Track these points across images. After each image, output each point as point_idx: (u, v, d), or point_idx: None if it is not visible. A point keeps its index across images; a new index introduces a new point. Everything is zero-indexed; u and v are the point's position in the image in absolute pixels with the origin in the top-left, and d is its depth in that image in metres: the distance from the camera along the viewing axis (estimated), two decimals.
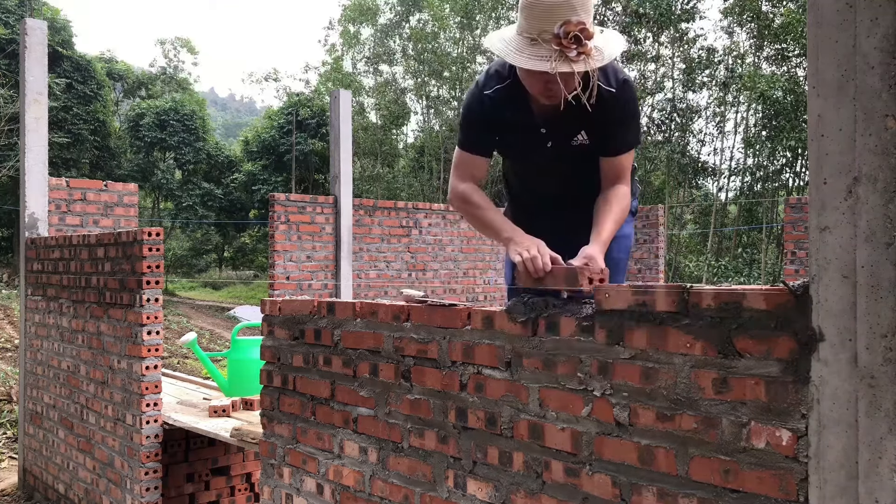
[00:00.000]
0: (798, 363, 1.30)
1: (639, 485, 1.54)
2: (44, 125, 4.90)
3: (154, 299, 3.59)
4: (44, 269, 4.66)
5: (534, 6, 1.91)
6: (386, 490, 2.14)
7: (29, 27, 4.83)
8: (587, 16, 1.89)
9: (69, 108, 23.09)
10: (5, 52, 19.73)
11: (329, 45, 30.00)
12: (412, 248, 7.82)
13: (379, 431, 2.17)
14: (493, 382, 1.85)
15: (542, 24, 1.89)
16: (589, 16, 1.90)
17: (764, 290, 1.36)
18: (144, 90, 32.15)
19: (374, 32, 27.63)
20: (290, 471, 2.53)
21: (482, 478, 1.87)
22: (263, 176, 26.81)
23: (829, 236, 1.22)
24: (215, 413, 3.66)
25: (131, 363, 3.64)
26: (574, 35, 1.85)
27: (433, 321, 1.99)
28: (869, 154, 1.18)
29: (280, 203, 6.81)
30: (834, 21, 1.22)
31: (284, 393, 2.56)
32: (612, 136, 2.17)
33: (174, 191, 28.24)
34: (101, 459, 3.91)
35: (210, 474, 4.14)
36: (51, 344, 4.56)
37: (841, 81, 1.21)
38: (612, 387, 1.59)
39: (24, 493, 4.84)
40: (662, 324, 1.50)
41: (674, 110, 20.80)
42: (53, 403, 4.50)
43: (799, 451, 1.30)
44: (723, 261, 19.34)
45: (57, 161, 21.46)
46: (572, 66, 1.87)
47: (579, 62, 1.88)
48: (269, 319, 2.65)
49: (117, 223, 5.22)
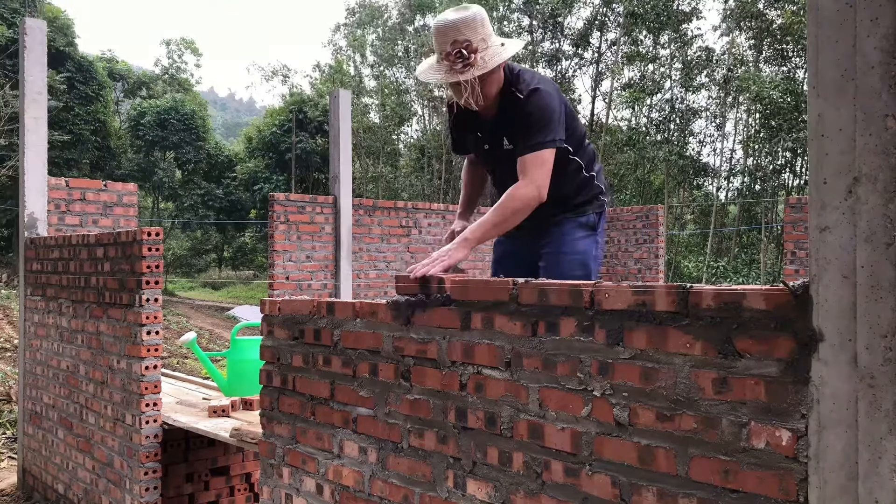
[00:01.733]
0: (798, 363, 1.30)
1: (639, 485, 1.54)
2: (43, 125, 4.90)
3: (153, 299, 3.59)
4: (43, 269, 4.65)
5: (433, 32, 2.39)
6: (385, 490, 2.14)
7: (28, 27, 4.83)
8: (473, 34, 2.30)
9: (70, 108, 23.11)
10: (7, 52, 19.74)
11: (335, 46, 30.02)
12: (412, 248, 7.82)
13: (378, 431, 2.16)
14: (492, 382, 1.84)
15: (440, 45, 2.36)
16: (475, 33, 2.30)
17: (764, 290, 1.35)
18: (145, 90, 32.16)
19: (379, 34, 27.64)
20: (289, 471, 2.52)
21: (482, 478, 1.87)
22: (265, 174, 26.82)
23: (829, 236, 1.22)
24: (215, 413, 3.65)
25: (131, 363, 3.64)
26: (458, 51, 2.29)
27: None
28: (869, 154, 1.18)
29: (280, 203, 6.81)
30: (834, 21, 1.22)
31: (284, 393, 2.56)
32: (518, 138, 2.46)
33: (174, 190, 28.26)
34: (101, 459, 3.91)
35: (209, 474, 4.14)
36: (50, 344, 4.55)
37: (841, 81, 1.21)
38: (611, 387, 1.59)
39: (23, 493, 4.84)
40: (662, 324, 1.50)
41: (673, 111, 20.80)
42: (53, 403, 4.50)
43: (799, 452, 1.30)
44: (722, 261, 19.35)
45: (58, 160, 21.47)
46: (456, 77, 2.32)
47: (465, 72, 2.31)
48: (269, 319, 2.65)
49: (117, 223, 5.22)
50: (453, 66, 2.32)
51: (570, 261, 2.64)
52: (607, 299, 1.60)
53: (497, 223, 2.36)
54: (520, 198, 2.36)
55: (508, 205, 2.35)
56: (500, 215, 2.35)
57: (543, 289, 1.73)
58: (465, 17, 2.32)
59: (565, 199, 2.66)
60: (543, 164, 2.40)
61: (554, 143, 2.44)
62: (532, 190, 2.37)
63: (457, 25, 2.31)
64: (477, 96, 2.37)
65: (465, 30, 2.31)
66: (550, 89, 2.48)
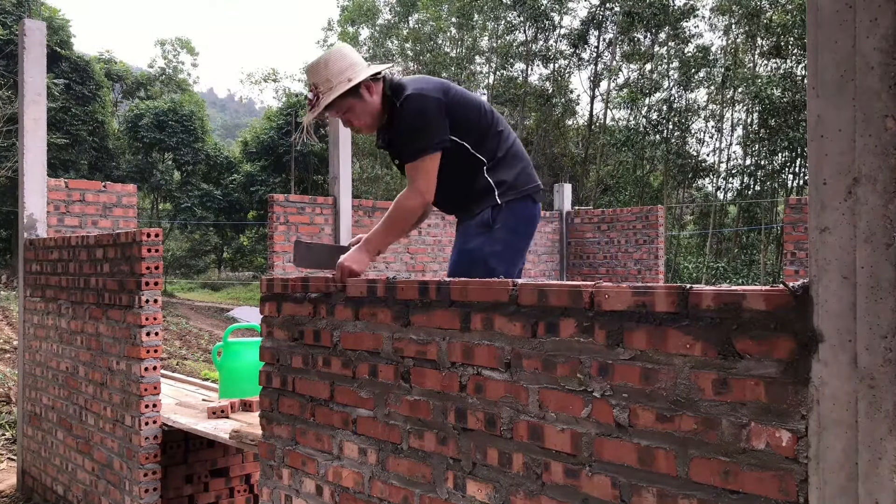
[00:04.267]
0: (798, 364, 1.30)
1: (639, 486, 1.54)
2: (42, 126, 4.89)
3: (153, 300, 3.59)
4: (42, 271, 4.65)
5: None
6: (385, 491, 2.13)
7: (27, 28, 4.82)
8: (316, 77, 2.50)
9: (67, 109, 23.08)
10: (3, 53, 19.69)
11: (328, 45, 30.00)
12: (411, 248, 7.82)
13: (378, 432, 2.16)
14: (492, 383, 1.84)
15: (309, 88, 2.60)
16: (318, 76, 2.49)
17: (764, 290, 1.35)
18: (143, 91, 32.14)
19: (372, 34, 27.64)
20: (289, 472, 2.52)
21: (482, 479, 1.87)
22: (262, 177, 26.81)
23: (829, 237, 1.22)
24: (214, 414, 3.65)
25: (130, 364, 3.63)
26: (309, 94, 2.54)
27: None
28: (868, 154, 1.18)
29: (279, 204, 6.81)
30: (834, 21, 1.22)
31: (283, 394, 2.56)
32: (401, 148, 2.57)
33: (173, 192, 28.24)
34: (100, 461, 3.90)
35: (209, 476, 4.13)
36: (49, 345, 4.55)
37: (841, 82, 1.21)
38: (611, 388, 1.59)
39: (22, 495, 4.84)
40: (662, 324, 1.50)
41: (670, 110, 20.82)
42: (52, 405, 4.50)
43: (799, 452, 1.30)
44: (722, 262, 19.35)
45: (55, 162, 21.45)
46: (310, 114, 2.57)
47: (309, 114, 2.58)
48: (269, 321, 2.65)
49: (116, 224, 5.22)
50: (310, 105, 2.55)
51: (460, 260, 2.67)
52: (607, 300, 1.60)
53: (387, 231, 2.56)
54: (402, 206, 2.53)
55: (394, 214, 2.53)
56: (389, 224, 2.55)
57: (543, 290, 1.73)
58: (311, 64, 2.53)
59: (459, 202, 2.71)
60: (424, 171, 2.48)
61: (433, 146, 2.48)
62: (415, 198, 2.50)
63: (309, 69, 2.53)
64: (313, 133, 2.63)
65: (311, 75, 2.53)
66: (426, 90, 2.50)
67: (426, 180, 2.49)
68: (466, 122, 2.57)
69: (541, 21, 23.02)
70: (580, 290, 1.65)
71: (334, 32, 29.80)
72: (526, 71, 24.76)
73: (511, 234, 2.65)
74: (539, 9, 22.47)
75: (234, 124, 78.14)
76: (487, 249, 2.61)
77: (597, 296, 1.62)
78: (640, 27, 21.26)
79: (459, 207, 2.74)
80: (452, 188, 2.63)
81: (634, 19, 20.79)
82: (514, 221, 2.65)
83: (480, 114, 2.63)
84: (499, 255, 2.62)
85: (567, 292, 1.68)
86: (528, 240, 2.76)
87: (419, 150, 2.48)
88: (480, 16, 24.45)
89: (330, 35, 30.45)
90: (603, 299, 1.61)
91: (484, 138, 2.63)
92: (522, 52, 24.21)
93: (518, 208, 2.66)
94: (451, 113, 2.53)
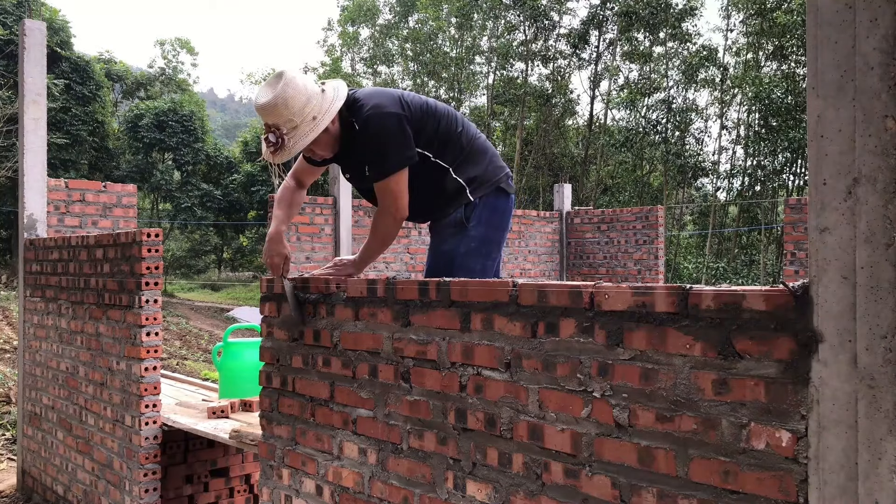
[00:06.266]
0: (798, 364, 1.30)
1: (638, 486, 1.54)
2: (43, 126, 4.90)
3: (153, 300, 3.59)
4: (42, 271, 4.65)
5: None
6: (385, 491, 2.13)
7: (28, 28, 4.82)
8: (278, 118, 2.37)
9: (68, 109, 23.06)
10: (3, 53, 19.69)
11: (328, 45, 30.02)
12: (411, 248, 7.82)
13: (378, 433, 2.16)
14: (492, 383, 1.84)
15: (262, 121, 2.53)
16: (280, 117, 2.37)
17: (764, 290, 1.35)
18: (143, 91, 32.12)
19: (372, 34, 27.65)
20: (289, 472, 2.52)
21: (482, 479, 1.87)
22: (262, 177, 26.79)
23: (829, 237, 1.22)
24: (214, 414, 3.65)
25: (130, 364, 3.63)
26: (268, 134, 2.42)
27: None
28: (868, 155, 1.18)
29: None
30: (834, 21, 1.22)
31: (283, 394, 2.56)
32: (368, 167, 2.52)
33: (173, 192, 28.22)
34: (100, 461, 3.90)
35: (209, 476, 4.13)
36: (49, 345, 4.55)
37: (841, 82, 1.21)
38: (611, 388, 1.59)
39: (22, 495, 4.84)
40: (662, 325, 1.50)
41: (670, 111, 20.82)
42: (52, 405, 4.50)
43: (799, 453, 1.30)
44: (721, 262, 19.35)
45: (55, 162, 21.44)
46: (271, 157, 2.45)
47: (276, 155, 2.43)
48: (269, 321, 2.65)
49: (116, 224, 5.22)
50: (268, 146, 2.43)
51: (436, 262, 2.69)
52: (607, 300, 1.60)
53: (373, 249, 2.62)
54: (379, 226, 2.57)
55: (374, 235, 2.59)
56: (372, 244, 2.61)
57: (543, 290, 1.73)
58: (267, 104, 2.37)
59: (431, 209, 2.70)
60: (393, 190, 2.47)
61: (398, 165, 2.45)
62: (387, 217, 2.53)
63: (265, 110, 2.38)
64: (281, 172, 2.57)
65: (270, 116, 2.39)
66: (385, 107, 2.44)
67: (395, 199, 2.48)
68: (426, 132, 2.55)
69: (541, 21, 23.03)
70: (580, 290, 1.65)
71: (334, 32, 29.83)
72: (526, 71, 24.78)
73: (486, 228, 2.65)
74: (539, 9, 22.49)
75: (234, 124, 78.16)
76: (463, 249, 2.62)
77: (597, 296, 1.62)
78: (639, 27, 21.26)
79: (433, 213, 2.72)
80: (423, 197, 2.61)
81: (632, 19, 20.79)
82: (488, 215, 2.66)
83: (438, 119, 2.59)
84: (474, 252, 2.64)
85: (567, 292, 1.68)
86: (504, 231, 2.76)
87: (385, 171, 2.45)
88: (480, 15, 24.46)
89: (330, 35, 30.51)
90: (603, 299, 1.61)
91: (445, 144, 2.61)
92: (522, 51, 24.21)
93: (491, 202, 2.67)
94: (412, 123, 2.49)
